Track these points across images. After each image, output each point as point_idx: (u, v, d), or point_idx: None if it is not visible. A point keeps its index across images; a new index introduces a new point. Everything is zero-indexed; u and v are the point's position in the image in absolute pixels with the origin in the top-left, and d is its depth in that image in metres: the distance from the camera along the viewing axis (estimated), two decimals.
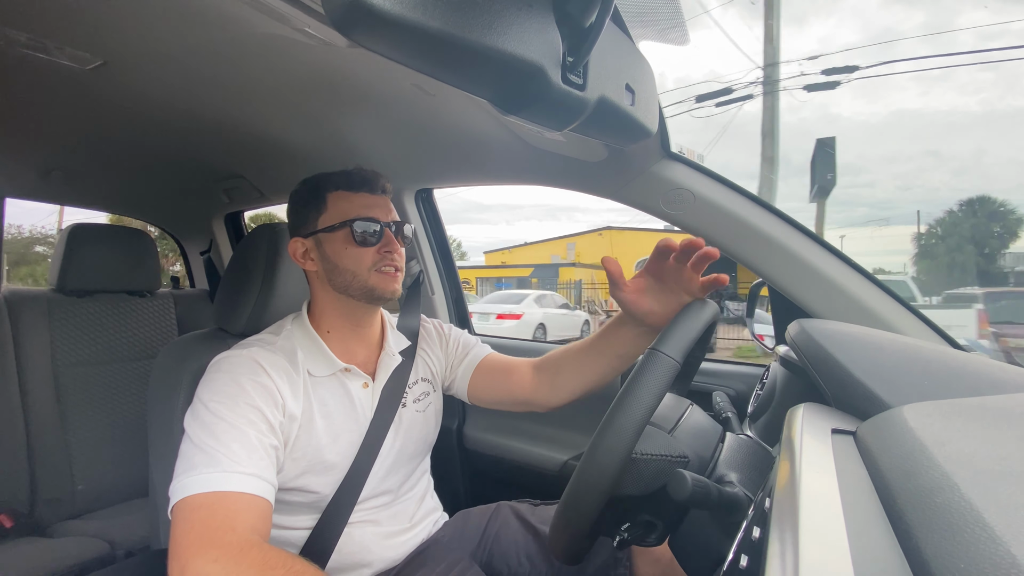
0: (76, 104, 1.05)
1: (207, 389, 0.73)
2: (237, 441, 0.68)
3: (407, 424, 0.91)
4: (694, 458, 0.61)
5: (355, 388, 0.85)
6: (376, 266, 0.82)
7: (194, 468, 0.65)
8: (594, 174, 1.08)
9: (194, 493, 0.63)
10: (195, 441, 0.67)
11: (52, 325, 1.46)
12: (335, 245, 0.82)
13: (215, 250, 2.11)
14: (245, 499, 0.64)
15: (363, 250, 0.81)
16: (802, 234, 0.94)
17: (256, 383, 0.74)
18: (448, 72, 0.49)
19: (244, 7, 0.64)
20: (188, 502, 0.63)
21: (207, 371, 0.76)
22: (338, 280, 0.82)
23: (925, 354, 0.62)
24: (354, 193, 0.83)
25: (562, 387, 0.92)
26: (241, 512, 0.63)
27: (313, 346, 0.83)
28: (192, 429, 0.69)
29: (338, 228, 0.81)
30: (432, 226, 1.65)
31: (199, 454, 0.66)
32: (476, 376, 1.00)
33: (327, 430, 0.81)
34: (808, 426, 0.49)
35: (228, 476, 0.64)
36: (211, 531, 0.60)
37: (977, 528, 0.25)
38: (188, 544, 0.59)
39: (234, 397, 0.71)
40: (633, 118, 0.66)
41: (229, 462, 0.65)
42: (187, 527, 0.61)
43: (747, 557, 0.41)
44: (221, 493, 0.63)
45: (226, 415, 0.69)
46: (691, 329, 0.61)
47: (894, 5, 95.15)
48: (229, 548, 0.58)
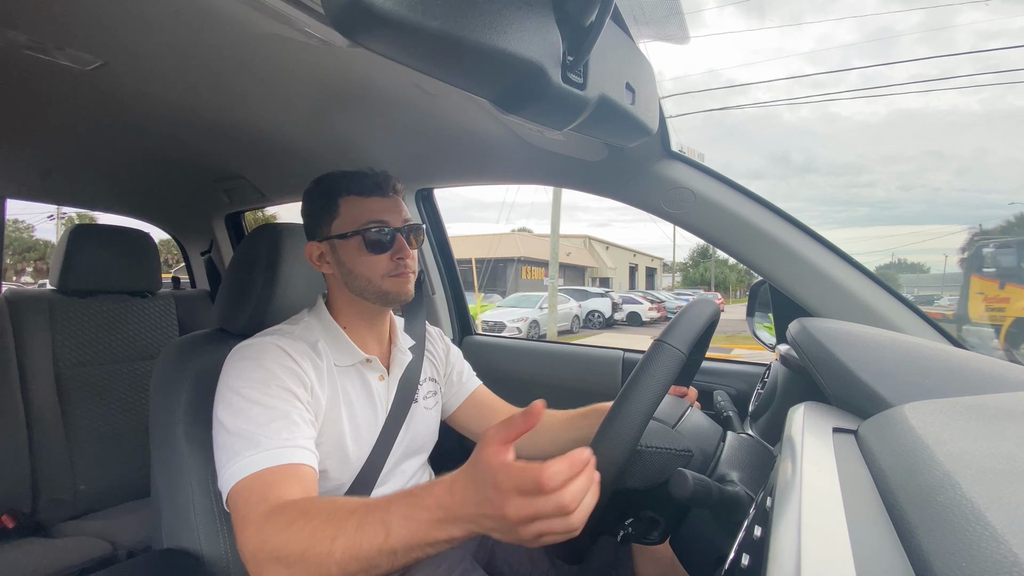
0: (76, 105, 1.05)
1: (235, 377, 0.73)
2: (276, 420, 0.69)
3: (417, 420, 0.93)
4: (697, 454, 0.61)
5: (373, 380, 0.87)
6: (390, 272, 0.83)
7: (237, 455, 0.66)
8: (594, 173, 1.08)
9: (239, 480, 0.64)
10: (232, 429, 0.68)
11: (53, 326, 1.46)
12: (349, 251, 0.82)
13: (216, 250, 2.11)
14: (281, 470, 0.65)
15: (376, 257, 0.82)
16: (803, 233, 0.94)
17: (283, 366, 0.74)
18: (448, 71, 0.49)
19: (244, 7, 0.64)
20: (235, 492, 0.64)
21: (229, 361, 0.76)
22: (354, 284, 0.84)
23: (926, 353, 0.62)
24: (365, 198, 0.83)
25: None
26: (276, 483, 0.64)
27: (335, 337, 0.84)
28: (227, 418, 0.69)
29: (351, 236, 0.82)
30: (432, 226, 1.65)
31: (238, 441, 0.67)
32: (466, 405, 1.05)
33: (350, 419, 0.82)
34: (809, 425, 0.49)
35: (266, 454, 0.66)
36: (248, 512, 0.61)
37: (978, 526, 0.25)
38: (237, 530, 0.61)
39: (265, 381, 0.72)
40: (633, 117, 0.66)
41: (268, 441, 0.67)
42: (235, 514, 0.63)
43: (749, 556, 0.41)
44: (258, 473, 0.64)
45: (260, 399, 0.70)
46: (696, 323, 0.61)
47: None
48: (256, 521, 0.59)
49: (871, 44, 53.55)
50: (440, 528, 0.51)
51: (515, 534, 0.48)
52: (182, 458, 0.82)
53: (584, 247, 28.18)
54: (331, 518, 0.55)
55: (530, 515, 0.47)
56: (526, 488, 0.47)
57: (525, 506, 0.47)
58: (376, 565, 0.53)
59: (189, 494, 0.81)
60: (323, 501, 0.60)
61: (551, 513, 0.47)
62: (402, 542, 0.52)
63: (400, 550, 0.52)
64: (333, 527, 0.54)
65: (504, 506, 0.47)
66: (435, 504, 0.52)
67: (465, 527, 0.51)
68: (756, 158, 38.38)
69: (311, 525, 0.56)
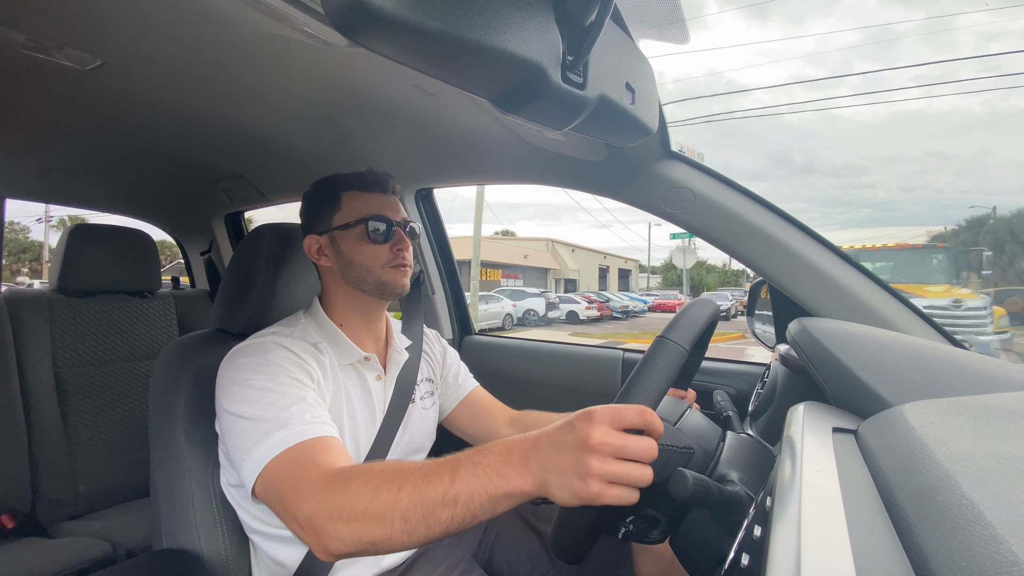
0: (76, 105, 1.04)
1: (241, 371, 0.72)
2: (296, 404, 0.69)
3: (415, 420, 0.93)
4: (698, 452, 0.61)
5: (371, 380, 0.88)
6: (389, 263, 0.85)
7: (266, 436, 0.65)
8: (594, 173, 1.08)
9: (275, 455, 0.64)
10: (251, 416, 0.68)
11: (53, 326, 1.46)
12: (350, 242, 0.84)
13: (215, 250, 2.11)
14: (319, 442, 0.66)
15: (377, 247, 0.84)
16: (803, 232, 0.94)
17: (290, 360, 0.75)
18: (448, 71, 0.49)
19: (244, 7, 0.64)
20: (273, 467, 0.64)
21: (230, 359, 0.76)
22: (352, 275, 0.85)
23: (926, 352, 0.62)
24: (367, 193, 0.87)
25: None
26: (319, 453, 0.64)
27: (333, 336, 0.85)
28: (242, 408, 0.69)
29: (353, 226, 0.84)
30: (432, 226, 1.65)
31: (261, 424, 0.67)
32: (462, 406, 1.05)
33: (349, 418, 0.83)
34: (809, 425, 0.49)
35: (298, 429, 0.66)
36: (301, 478, 0.61)
37: (978, 526, 0.25)
38: (288, 499, 0.60)
39: (274, 373, 0.72)
40: (633, 117, 0.66)
41: (295, 419, 0.67)
42: (280, 486, 0.62)
43: (748, 556, 0.41)
44: (296, 446, 0.65)
45: (274, 387, 0.70)
46: (698, 320, 0.61)
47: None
48: (314, 482, 0.59)
49: (873, 46, 53.77)
50: (506, 474, 0.51)
51: (585, 478, 0.47)
52: (182, 458, 0.82)
53: (547, 249, 29.43)
54: (398, 471, 0.56)
55: (615, 447, 0.47)
56: (624, 418, 0.48)
57: (613, 436, 0.47)
58: (436, 514, 0.52)
59: (189, 494, 0.81)
60: (391, 461, 0.61)
61: (635, 452, 0.47)
62: (465, 489, 0.52)
63: (462, 498, 0.52)
64: (400, 478, 0.55)
65: (590, 433, 0.47)
66: (505, 448, 0.53)
67: (533, 471, 0.50)
68: (757, 159, 38.55)
69: (377, 479, 0.56)
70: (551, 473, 0.49)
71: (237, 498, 0.80)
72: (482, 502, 0.51)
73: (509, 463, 0.51)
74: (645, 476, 0.48)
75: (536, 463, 0.50)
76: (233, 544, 0.83)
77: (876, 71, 34.30)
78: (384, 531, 0.54)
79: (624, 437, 0.47)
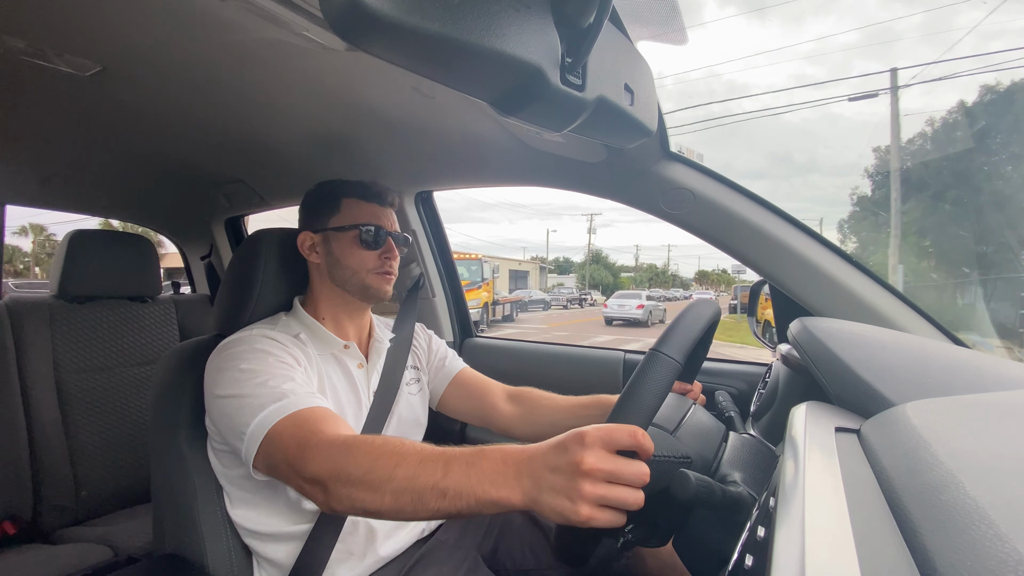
0: (75, 110, 1.05)
1: (231, 359, 0.75)
2: (288, 382, 0.72)
3: (402, 406, 0.96)
4: (697, 458, 0.61)
5: (353, 367, 0.91)
6: (375, 269, 0.90)
7: (263, 407, 0.68)
8: (594, 175, 1.08)
9: (277, 421, 0.66)
10: (246, 392, 0.70)
11: (54, 331, 1.46)
12: (342, 244, 0.89)
13: (216, 255, 2.11)
14: (318, 411, 0.69)
15: (367, 252, 0.90)
16: (803, 232, 0.94)
17: (277, 348, 0.78)
18: (447, 74, 0.49)
19: (243, 12, 0.64)
20: (276, 432, 0.66)
21: (217, 353, 0.78)
22: (338, 275, 0.90)
23: (928, 351, 0.62)
24: (366, 202, 0.92)
25: (537, 426, 0.98)
26: (320, 420, 0.67)
27: (313, 329, 0.89)
28: (235, 388, 0.71)
29: (348, 230, 0.89)
30: (432, 228, 1.65)
31: (256, 399, 0.69)
32: (452, 387, 1.07)
33: (335, 404, 0.85)
34: (811, 425, 0.49)
35: (296, 399, 0.69)
36: (306, 439, 0.64)
37: (982, 525, 0.25)
38: (294, 459, 0.63)
39: (263, 359, 0.75)
40: (632, 118, 0.66)
41: (291, 392, 0.70)
42: (286, 447, 0.64)
43: (752, 557, 0.41)
44: (297, 413, 0.67)
45: (264, 369, 0.73)
46: (692, 329, 0.60)
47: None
48: (320, 444, 0.62)
49: (873, 46, 53.54)
50: (497, 483, 0.52)
51: (576, 501, 0.47)
52: (184, 463, 0.81)
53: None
54: (396, 450, 0.58)
55: (608, 471, 0.47)
56: (616, 440, 0.48)
57: (606, 460, 0.47)
58: (425, 500, 0.54)
59: (191, 499, 0.81)
60: (392, 437, 0.62)
61: (627, 477, 0.47)
62: (455, 485, 0.53)
63: (451, 492, 0.53)
64: (397, 457, 0.57)
65: (583, 457, 0.47)
66: (500, 456, 0.53)
67: (524, 487, 0.51)
68: (758, 158, 38.32)
69: (376, 452, 0.58)
70: (543, 492, 0.50)
71: (230, 497, 0.82)
72: (470, 502, 0.52)
73: (502, 473, 0.52)
74: (636, 500, 0.48)
75: (528, 479, 0.51)
76: (236, 549, 0.82)
77: (876, 73, 34.15)
78: (375, 502, 0.56)
79: (617, 461, 0.48)
